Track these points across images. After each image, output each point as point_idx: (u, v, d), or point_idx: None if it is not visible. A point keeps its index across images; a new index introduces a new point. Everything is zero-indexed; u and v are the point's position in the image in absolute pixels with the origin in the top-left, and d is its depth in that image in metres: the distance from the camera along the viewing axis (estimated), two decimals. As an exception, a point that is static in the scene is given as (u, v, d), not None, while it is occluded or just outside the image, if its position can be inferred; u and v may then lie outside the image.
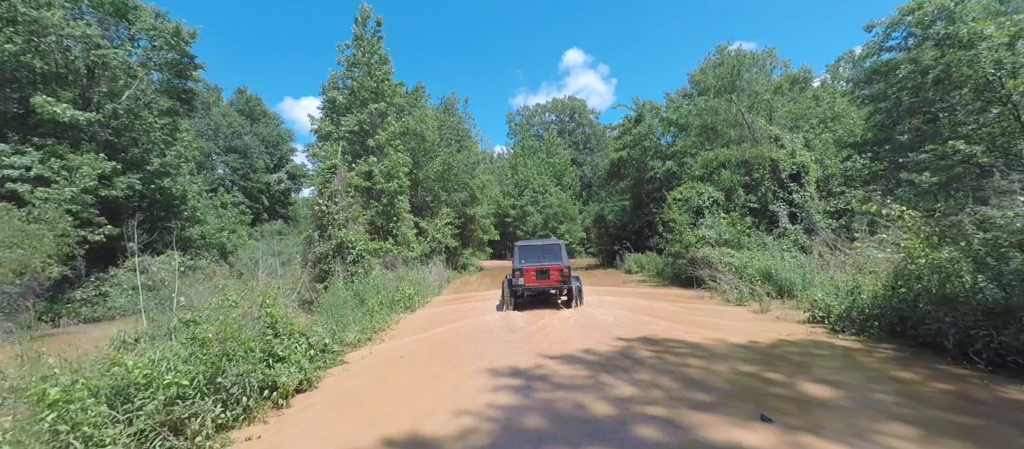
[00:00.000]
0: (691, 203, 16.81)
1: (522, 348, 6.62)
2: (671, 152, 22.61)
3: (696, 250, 13.20)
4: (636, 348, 6.26)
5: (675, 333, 7.11)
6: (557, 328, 8.19)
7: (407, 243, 18.65)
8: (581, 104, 64.22)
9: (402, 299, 10.91)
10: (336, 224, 12.64)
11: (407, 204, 19.43)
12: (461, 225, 27.36)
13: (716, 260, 11.72)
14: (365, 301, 10.10)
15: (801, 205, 14.08)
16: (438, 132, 24.12)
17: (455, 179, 25.90)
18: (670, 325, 7.94)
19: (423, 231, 22.26)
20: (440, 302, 13.08)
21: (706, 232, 13.40)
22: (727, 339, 6.49)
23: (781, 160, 14.33)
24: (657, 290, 13.78)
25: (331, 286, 11.49)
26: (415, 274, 17.12)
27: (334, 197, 12.94)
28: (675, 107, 23.44)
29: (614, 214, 30.58)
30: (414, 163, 22.10)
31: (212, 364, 3.94)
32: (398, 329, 8.82)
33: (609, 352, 6.13)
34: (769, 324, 7.46)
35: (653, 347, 6.28)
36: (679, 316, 8.79)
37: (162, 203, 21.40)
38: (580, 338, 7.15)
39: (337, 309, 8.79)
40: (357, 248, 12.41)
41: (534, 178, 48.94)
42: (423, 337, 7.92)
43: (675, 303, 10.73)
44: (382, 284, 11.84)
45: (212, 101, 41.87)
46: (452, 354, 6.50)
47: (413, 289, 11.93)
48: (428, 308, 11.80)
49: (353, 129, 19.77)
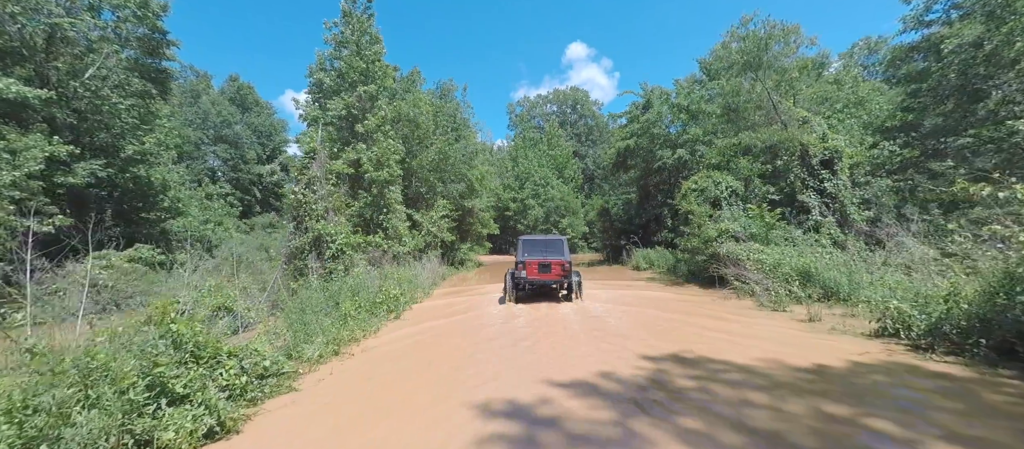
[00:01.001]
0: (707, 194, 15.37)
1: (523, 369, 5.23)
2: (682, 140, 21.11)
3: (717, 245, 11.79)
4: (670, 372, 4.87)
5: (714, 348, 5.71)
6: (565, 339, 6.80)
7: (399, 237, 17.25)
8: (583, 95, 62.53)
9: (386, 301, 9.52)
10: (314, 215, 11.23)
11: (399, 195, 18.02)
12: (458, 218, 25.95)
13: (744, 257, 10.31)
14: (340, 304, 8.71)
15: (834, 195, 12.63)
16: (434, 119, 22.62)
17: (452, 169, 24.43)
18: (702, 335, 6.55)
19: (417, 224, 20.86)
20: (431, 302, 11.71)
21: (729, 225, 11.97)
22: (784, 359, 5.09)
23: (812, 145, 12.86)
24: (673, 290, 12.38)
25: (304, 286, 10.10)
26: (406, 271, 15.74)
27: (312, 185, 11.52)
28: (685, 92, 21.90)
29: (619, 207, 29.16)
30: (407, 151, 20.64)
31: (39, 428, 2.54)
32: (376, 339, 7.43)
33: (635, 377, 4.73)
34: (827, 338, 6.04)
35: (691, 370, 4.88)
36: (710, 324, 7.38)
37: (137, 193, 19.99)
38: (595, 354, 5.75)
39: (303, 315, 7.40)
40: (337, 242, 11.01)
41: (535, 170, 47.45)
42: (402, 348, 6.54)
43: (699, 306, 9.32)
44: (363, 283, 10.44)
45: (201, 88, 40.38)
46: (435, 374, 5.12)
47: (400, 289, 10.54)
48: (417, 309, 10.44)
49: (340, 114, 18.32)
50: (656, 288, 12.99)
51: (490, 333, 7.50)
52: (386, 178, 16.88)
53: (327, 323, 7.20)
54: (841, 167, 12.81)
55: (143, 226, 21.15)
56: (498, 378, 4.94)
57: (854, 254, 10.16)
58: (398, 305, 9.80)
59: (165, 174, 22.74)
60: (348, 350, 6.52)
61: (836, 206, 12.69)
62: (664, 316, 8.47)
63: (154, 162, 22.90)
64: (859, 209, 12.70)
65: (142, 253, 14.83)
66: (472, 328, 8.01)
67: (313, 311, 8.14)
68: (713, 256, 12.03)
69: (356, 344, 6.93)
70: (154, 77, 17.75)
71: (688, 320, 7.89)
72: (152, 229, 21.80)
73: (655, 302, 10.21)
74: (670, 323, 7.72)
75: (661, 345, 6.09)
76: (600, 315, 8.86)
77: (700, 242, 12.64)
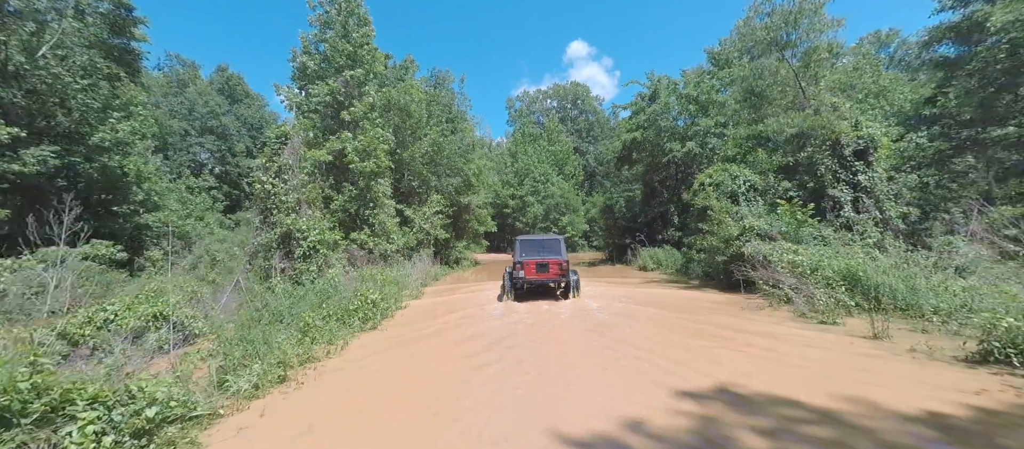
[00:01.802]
0: (723, 188, 14.04)
1: (523, 411, 3.88)
2: (692, 132, 19.75)
3: (740, 244, 10.46)
4: (722, 420, 3.51)
5: (771, 378, 4.37)
6: (575, 360, 5.46)
7: (386, 234, 15.89)
8: (584, 90, 61.11)
9: (361, 308, 8.16)
10: (283, 207, 9.85)
11: (388, 189, 16.64)
12: (454, 215, 24.58)
13: (775, 258, 8.97)
14: (304, 313, 7.36)
15: (869, 189, 11.31)
16: (427, 108, 21.22)
17: (447, 163, 23.04)
18: (748, 356, 5.21)
19: (409, 221, 19.50)
20: (420, 305, 10.36)
21: (754, 222, 10.63)
22: (877, 400, 3.75)
23: (844, 133, 11.52)
24: (691, 294, 11.05)
25: (269, 289, 8.74)
26: (395, 271, 14.40)
27: (283, 173, 10.14)
28: (695, 82, 20.54)
29: (622, 205, 27.83)
30: (398, 143, 19.25)
31: None
32: (340, 358, 6.08)
33: (678, 430, 3.39)
34: (915, 365, 4.70)
35: (753, 417, 3.53)
36: (754, 342, 6.04)
37: (106, 184, 18.57)
38: (617, 389, 4.40)
39: (253, 328, 6.04)
40: (309, 239, 9.63)
41: (535, 167, 46.08)
42: (369, 374, 5.19)
43: (727, 316, 7.98)
44: (336, 287, 9.09)
45: (189, 78, 38.80)
46: (402, 420, 3.77)
47: (381, 293, 9.17)
48: (401, 316, 9.08)
49: (324, 100, 16.89)
50: (674, 292, 11.66)
51: (481, 352, 6.14)
52: (373, 170, 15.49)
53: (281, 339, 5.84)
54: (876, 158, 11.48)
55: (114, 220, 19.78)
56: (490, 425, 3.60)
57: (896, 255, 8.86)
58: (376, 313, 8.43)
59: (140, 165, 21.36)
60: (299, 375, 5.15)
61: (870, 201, 11.37)
62: (689, 325, 7.13)
63: (128, 151, 21.57)
64: (896, 204, 11.39)
65: (99, 250, 13.46)
66: (460, 345, 6.66)
67: (270, 322, 6.80)
68: (735, 257, 10.70)
69: (313, 366, 5.57)
70: (120, 57, 16.28)
71: (721, 333, 6.55)
72: (125, 223, 20.42)
73: (674, 304, 8.87)
74: (699, 335, 6.38)
75: (699, 372, 4.74)
76: (612, 323, 7.52)
77: (719, 241, 11.31)
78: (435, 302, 11.19)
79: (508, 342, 6.71)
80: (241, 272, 9.45)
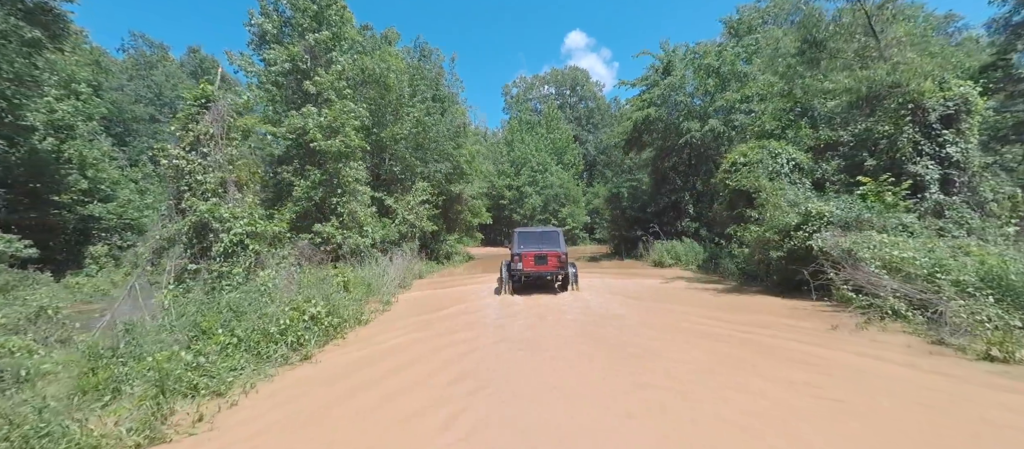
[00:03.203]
0: (760, 168, 11.63)
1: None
2: (715, 108, 17.25)
3: (804, 236, 8.02)
4: None
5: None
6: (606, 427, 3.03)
7: (358, 225, 13.37)
8: (583, 75, 58.37)
9: (291, 328, 5.68)
10: (199, 190, 7.33)
11: (361, 173, 14.09)
12: (443, 205, 22.08)
13: (866, 255, 6.53)
14: (194, 343, 4.91)
15: (962, 164, 8.87)
16: (410, 83, 18.60)
17: (434, 147, 20.47)
18: None
19: (390, 211, 17.00)
20: (385, 320, 7.91)
21: (822, 206, 8.17)
22: None
23: (928, 94, 9.06)
24: (735, 301, 8.62)
25: (170, 298, 6.26)
26: (366, 270, 11.92)
27: (201, 146, 7.60)
28: (716, 52, 17.99)
29: (626, 194, 25.35)
30: (375, 121, 16.66)
31: None
32: (232, 415, 3.64)
33: None
34: None
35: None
36: (903, 395, 3.62)
37: (33, 170, 15.96)
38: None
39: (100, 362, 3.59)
40: (233, 230, 7.12)
41: (532, 155, 43.50)
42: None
43: (811, 340, 5.55)
44: (270, 295, 6.61)
45: (156, 60, 35.84)
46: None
47: (328, 306, 6.68)
48: (354, 338, 6.64)
49: (283, 68, 14.27)
50: (704, 291, 9.24)
51: (457, 416, 3.70)
52: (340, 150, 12.93)
53: (137, 388, 3.39)
54: (970, 125, 9.02)
55: (48, 211, 17.19)
56: None
57: (998, 244, 6.50)
58: (314, 336, 5.96)
59: (82, 149, 18.72)
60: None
61: (963, 180, 8.95)
62: (769, 363, 4.70)
63: (70, 134, 18.92)
64: (998, 181, 8.98)
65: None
66: (427, 414, 4.21)
67: (130, 357, 4.36)
68: (794, 252, 8.27)
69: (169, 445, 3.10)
70: (34, 16, 13.54)
71: (826, 377, 4.12)
72: (66, 215, 17.85)
73: (722, 317, 6.44)
74: (797, 388, 3.95)
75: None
76: (644, 344, 5.08)
77: (772, 232, 8.85)
78: (413, 307, 8.73)
79: (494, 385, 4.26)
80: (137, 276, 6.92)
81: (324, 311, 6.54)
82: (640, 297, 9.56)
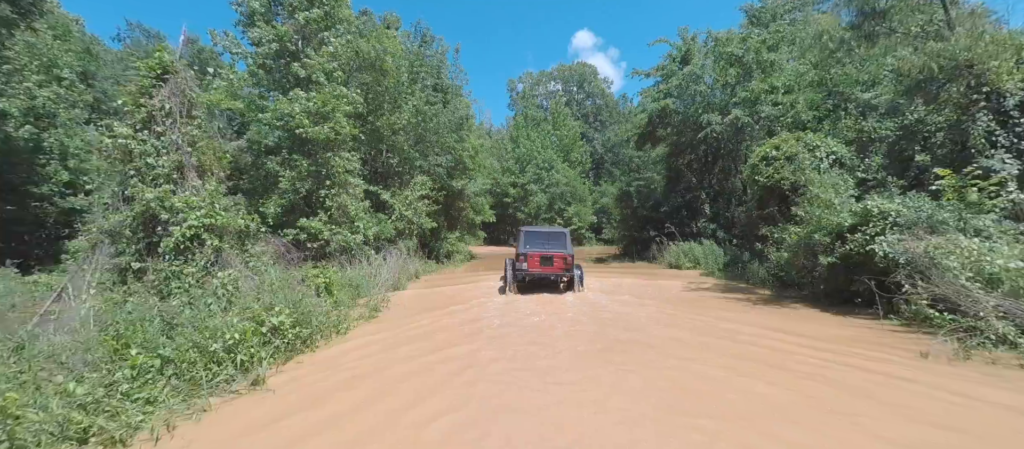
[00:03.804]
0: (797, 164, 10.39)
1: None
2: (738, 99, 15.95)
3: (862, 240, 6.76)
4: None
5: None
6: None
7: (349, 221, 12.23)
8: (591, 70, 56.99)
9: (242, 344, 4.54)
10: (149, 175, 6.21)
11: (354, 164, 12.94)
12: (445, 202, 20.93)
13: (955, 265, 5.27)
14: (111, 363, 3.77)
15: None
16: (409, 70, 17.44)
17: (435, 140, 19.31)
18: None
19: (387, 206, 15.87)
20: (369, 330, 6.75)
21: (887, 205, 6.90)
22: None
23: (1006, 76, 7.75)
24: (776, 312, 7.37)
25: (113, 300, 5.13)
26: (355, 270, 10.81)
27: (153, 125, 6.48)
28: (739, 39, 16.68)
29: (634, 192, 24.08)
30: (371, 109, 15.52)
31: None
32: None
33: None
34: None
35: None
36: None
37: (8, 159, 15.01)
38: None
39: None
40: (187, 223, 5.98)
41: (538, 152, 42.25)
42: None
43: (920, 375, 4.30)
44: (229, 300, 5.46)
45: (153, 51, 34.80)
46: None
47: (295, 316, 5.52)
48: (325, 355, 5.49)
49: (271, 50, 13.15)
50: (736, 302, 7.99)
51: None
52: (329, 138, 11.79)
53: None
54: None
55: (28, 203, 16.29)
56: None
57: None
58: (272, 352, 4.81)
59: (64, 138, 17.75)
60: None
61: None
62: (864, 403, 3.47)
63: (51, 123, 17.98)
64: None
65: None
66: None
67: None
68: (850, 258, 7.01)
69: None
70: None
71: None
72: (47, 207, 16.92)
73: (768, 339, 5.19)
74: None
75: None
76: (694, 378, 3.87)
77: (822, 234, 7.58)
78: (403, 312, 7.56)
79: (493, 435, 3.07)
80: (70, 277, 5.79)
81: (289, 321, 5.38)
82: (671, 302, 8.33)
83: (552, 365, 4.96)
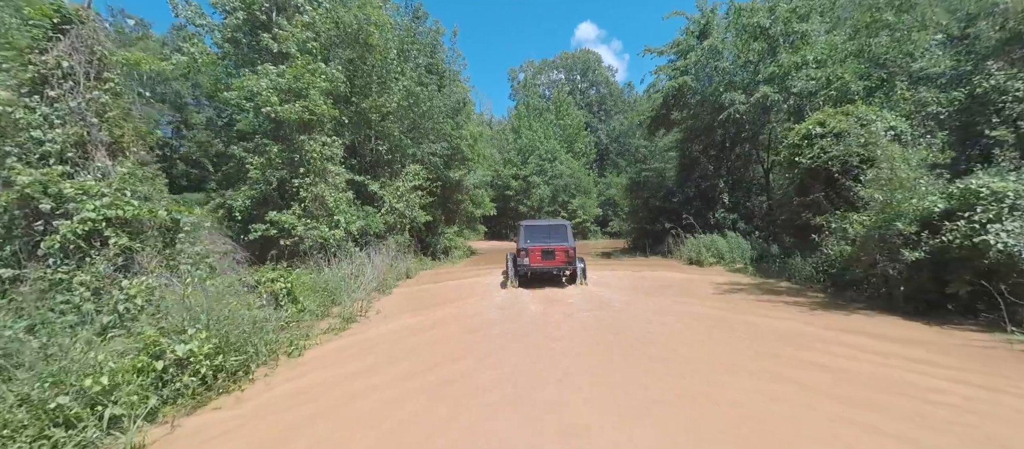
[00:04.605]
0: (844, 144, 8.84)
1: None
2: (761, 78, 14.27)
3: (964, 230, 5.21)
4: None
5: None
6: None
7: (327, 214, 10.73)
8: (595, 58, 55.04)
9: (119, 391, 3.08)
10: (36, 151, 4.72)
11: (335, 150, 11.39)
12: (441, 194, 19.41)
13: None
14: None
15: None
16: (399, 47, 15.83)
17: (430, 126, 17.75)
18: None
19: (376, 199, 14.38)
20: (336, 349, 5.27)
21: (996, 183, 5.33)
22: None
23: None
24: (850, 322, 5.82)
25: None
26: (332, 271, 9.34)
27: (45, 86, 4.99)
28: (768, 7, 14.96)
29: (652, 181, 22.47)
30: (354, 90, 13.96)
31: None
32: None
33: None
34: None
35: None
36: None
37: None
38: None
39: None
40: (81, 215, 4.51)
41: (541, 143, 40.55)
42: None
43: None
44: (133, 320, 3.98)
45: (136, 39, 33.29)
46: None
47: (217, 341, 4.05)
48: (268, 387, 4.02)
49: (239, 20, 11.60)
50: (796, 302, 6.46)
51: None
52: (303, 118, 10.26)
53: None
54: None
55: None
56: None
57: None
58: (176, 394, 3.32)
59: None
60: None
61: None
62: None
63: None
64: None
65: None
66: None
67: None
68: (946, 252, 5.45)
69: None
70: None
71: None
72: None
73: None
74: None
75: None
76: None
77: (905, 222, 6.00)
78: (385, 321, 6.05)
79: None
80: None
81: (208, 348, 3.89)
82: (717, 308, 6.80)
83: (559, 399, 3.44)
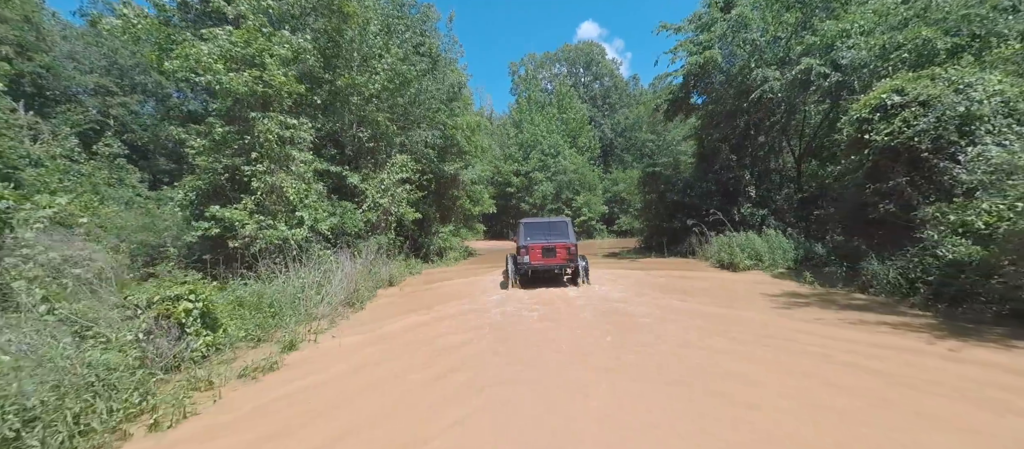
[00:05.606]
0: (933, 114, 6.91)
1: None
2: (808, 45, 12.27)
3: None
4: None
5: None
6: None
7: (287, 209, 8.81)
8: (598, 50, 52.99)
9: None
10: None
11: (301, 133, 9.45)
12: (436, 189, 17.53)
13: None
14: None
15: None
16: (382, 19, 13.89)
17: (423, 113, 15.85)
18: None
19: (358, 193, 12.48)
20: (253, 394, 3.40)
21: None
22: None
23: None
24: (996, 352, 3.91)
25: None
26: (286, 281, 7.46)
27: None
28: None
29: (665, 174, 20.47)
30: (327, 67, 12.03)
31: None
32: None
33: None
34: None
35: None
36: None
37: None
38: None
39: None
40: None
41: (543, 138, 38.58)
42: None
43: None
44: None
45: (124, 27, 31.51)
46: None
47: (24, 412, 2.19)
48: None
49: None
50: (911, 327, 4.53)
51: None
52: (254, 90, 8.34)
53: None
54: None
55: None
56: None
57: None
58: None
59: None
60: None
61: None
62: None
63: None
64: None
65: None
66: None
67: None
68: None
69: None
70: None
71: None
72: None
73: None
74: None
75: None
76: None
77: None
78: (332, 363, 4.13)
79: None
80: None
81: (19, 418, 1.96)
82: (809, 346, 4.85)
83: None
